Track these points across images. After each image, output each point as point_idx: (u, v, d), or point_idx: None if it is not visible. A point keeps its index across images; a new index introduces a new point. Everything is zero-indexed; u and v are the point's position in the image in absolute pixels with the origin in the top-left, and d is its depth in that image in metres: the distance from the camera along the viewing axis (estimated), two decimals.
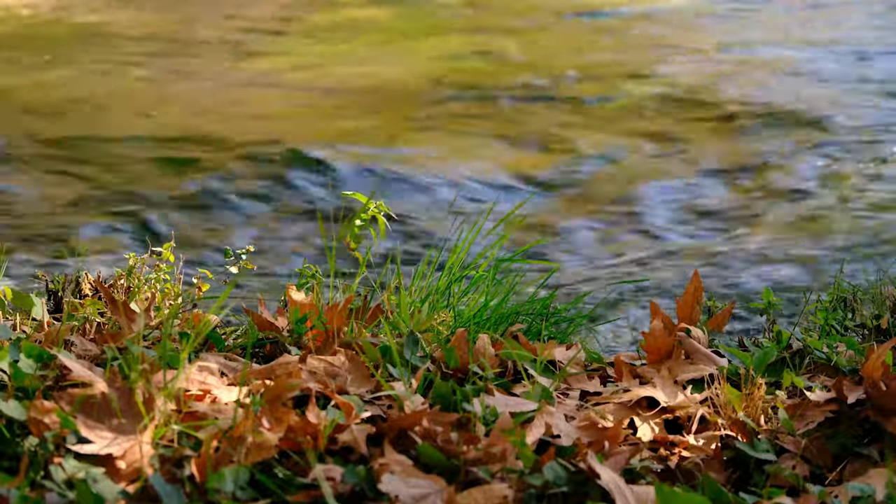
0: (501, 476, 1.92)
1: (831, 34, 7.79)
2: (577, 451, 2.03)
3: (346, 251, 2.82)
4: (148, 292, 2.70)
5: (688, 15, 8.35)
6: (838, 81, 6.78)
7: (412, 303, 2.79)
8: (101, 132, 5.85)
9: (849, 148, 5.75)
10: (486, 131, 6.00)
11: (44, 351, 2.16)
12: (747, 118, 6.08)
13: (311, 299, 2.58)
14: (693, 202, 5.17)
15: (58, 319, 2.63)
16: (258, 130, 5.87)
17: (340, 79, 6.81)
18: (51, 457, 1.84)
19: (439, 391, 2.15)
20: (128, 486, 1.82)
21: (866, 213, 5.04)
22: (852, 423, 2.21)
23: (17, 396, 2.03)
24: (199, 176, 5.26)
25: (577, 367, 2.51)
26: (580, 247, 4.76)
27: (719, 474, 2.10)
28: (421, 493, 1.83)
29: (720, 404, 2.24)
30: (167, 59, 7.21)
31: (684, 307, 2.63)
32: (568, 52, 7.43)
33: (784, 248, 4.65)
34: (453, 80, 6.79)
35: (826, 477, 2.13)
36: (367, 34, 7.82)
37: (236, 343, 2.52)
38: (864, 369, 2.28)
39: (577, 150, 5.70)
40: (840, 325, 2.91)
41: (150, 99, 6.41)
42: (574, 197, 5.24)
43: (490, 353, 2.43)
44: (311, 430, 1.95)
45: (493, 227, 3.16)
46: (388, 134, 5.95)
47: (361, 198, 2.84)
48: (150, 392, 1.94)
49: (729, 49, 7.49)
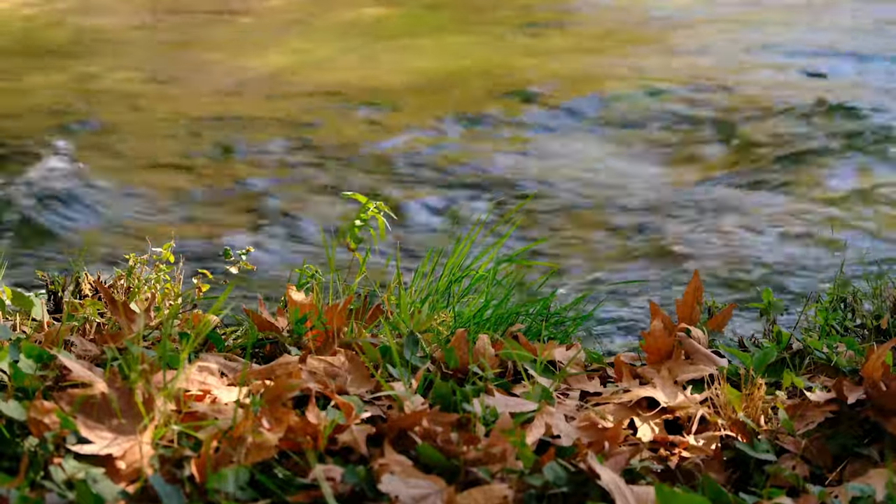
0: (501, 476, 1.92)
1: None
2: (578, 451, 2.03)
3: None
4: (148, 293, 2.71)
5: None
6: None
7: (412, 303, 2.79)
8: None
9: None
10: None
11: (44, 351, 2.16)
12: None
13: (311, 299, 2.58)
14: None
15: (58, 320, 2.63)
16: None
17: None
18: (51, 457, 1.84)
19: (439, 391, 2.15)
20: (128, 487, 1.82)
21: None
22: (852, 424, 2.21)
23: (17, 397, 2.03)
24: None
25: (577, 367, 2.51)
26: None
27: (719, 475, 2.10)
28: (421, 493, 1.83)
29: (720, 405, 2.24)
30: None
31: (684, 307, 2.63)
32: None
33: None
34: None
35: (826, 477, 2.13)
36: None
37: (236, 343, 2.52)
38: (864, 370, 2.28)
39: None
40: (840, 326, 2.91)
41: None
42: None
43: (490, 354, 2.43)
44: (311, 431, 1.95)
45: (493, 227, 3.16)
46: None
47: (361, 198, 2.84)
48: (149, 392, 1.94)
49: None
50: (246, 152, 5.64)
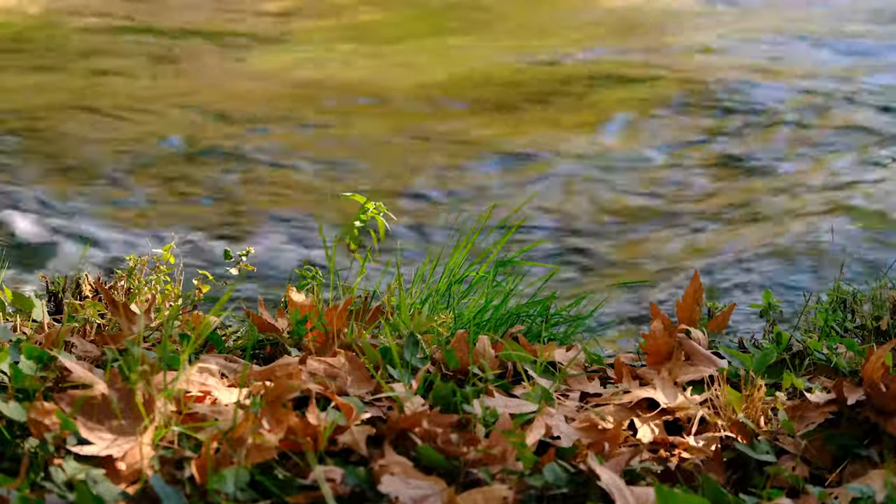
0: (501, 477, 1.92)
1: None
2: (577, 452, 2.03)
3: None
4: (148, 294, 2.71)
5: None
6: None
7: (412, 304, 2.79)
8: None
9: None
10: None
11: (44, 352, 2.16)
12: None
13: (312, 300, 2.58)
14: None
15: (58, 321, 2.63)
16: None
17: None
18: (51, 458, 1.84)
19: (439, 392, 2.15)
20: (128, 488, 1.82)
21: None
22: (852, 425, 2.21)
23: (18, 398, 2.03)
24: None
25: (576, 368, 2.51)
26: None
27: (719, 475, 2.10)
28: (421, 494, 1.83)
29: (720, 405, 2.24)
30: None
31: (684, 308, 2.63)
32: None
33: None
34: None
35: (826, 478, 2.13)
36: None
37: (236, 344, 2.52)
38: (864, 371, 2.28)
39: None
40: (840, 327, 2.91)
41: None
42: None
43: (490, 355, 2.43)
44: (311, 432, 1.95)
45: (493, 228, 3.16)
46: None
47: (360, 198, 2.84)
48: (150, 393, 1.94)
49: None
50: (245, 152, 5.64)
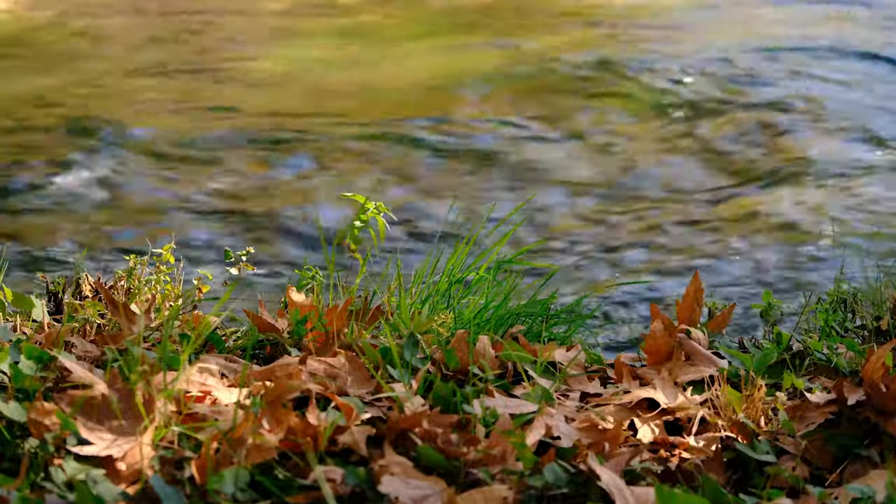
0: (501, 477, 1.92)
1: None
2: (578, 452, 2.03)
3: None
4: (148, 294, 2.71)
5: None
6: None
7: (412, 304, 2.79)
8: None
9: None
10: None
11: (44, 352, 2.16)
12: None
13: (312, 300, 2.58)
14: None
15: (58, 321, 2.63)
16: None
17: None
18: (51, 458, 1.84)
19: (439, 392, 2.15)
20: (128, 488, 1.82)
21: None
22: (852, 425, 2.21)
23: (18, 398, 2.03)
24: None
25: (577, 368, 2.51)
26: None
27: (719, 475, 2.10)
28: (421, 494, 1.83)
29: (720, 406, 2.24)
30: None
31: (684, 308, 2.63)
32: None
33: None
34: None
35: (826, 478, 2.13)
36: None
37: (237, 344, 2.52)
38: (864, 371, 2.28)
39: None
40: (840, 327, 2.91)
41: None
42: None
43: (490, 355, 2.43)
44: (312, 432, 1.95)
45: (493, 228, 3.16)
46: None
47: (360, 198, 2.84)
48: (150, 393, 1.94)
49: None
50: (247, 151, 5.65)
